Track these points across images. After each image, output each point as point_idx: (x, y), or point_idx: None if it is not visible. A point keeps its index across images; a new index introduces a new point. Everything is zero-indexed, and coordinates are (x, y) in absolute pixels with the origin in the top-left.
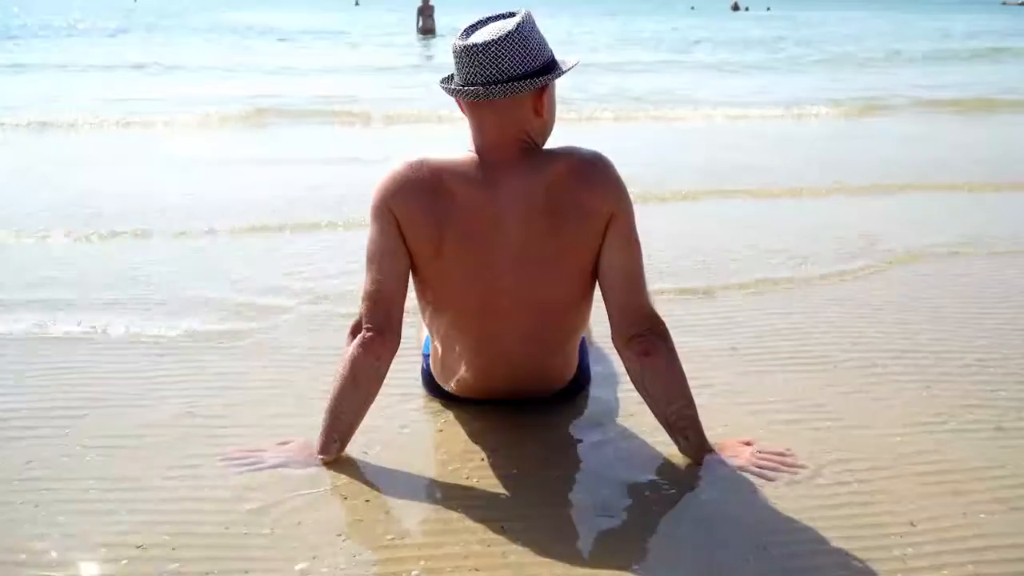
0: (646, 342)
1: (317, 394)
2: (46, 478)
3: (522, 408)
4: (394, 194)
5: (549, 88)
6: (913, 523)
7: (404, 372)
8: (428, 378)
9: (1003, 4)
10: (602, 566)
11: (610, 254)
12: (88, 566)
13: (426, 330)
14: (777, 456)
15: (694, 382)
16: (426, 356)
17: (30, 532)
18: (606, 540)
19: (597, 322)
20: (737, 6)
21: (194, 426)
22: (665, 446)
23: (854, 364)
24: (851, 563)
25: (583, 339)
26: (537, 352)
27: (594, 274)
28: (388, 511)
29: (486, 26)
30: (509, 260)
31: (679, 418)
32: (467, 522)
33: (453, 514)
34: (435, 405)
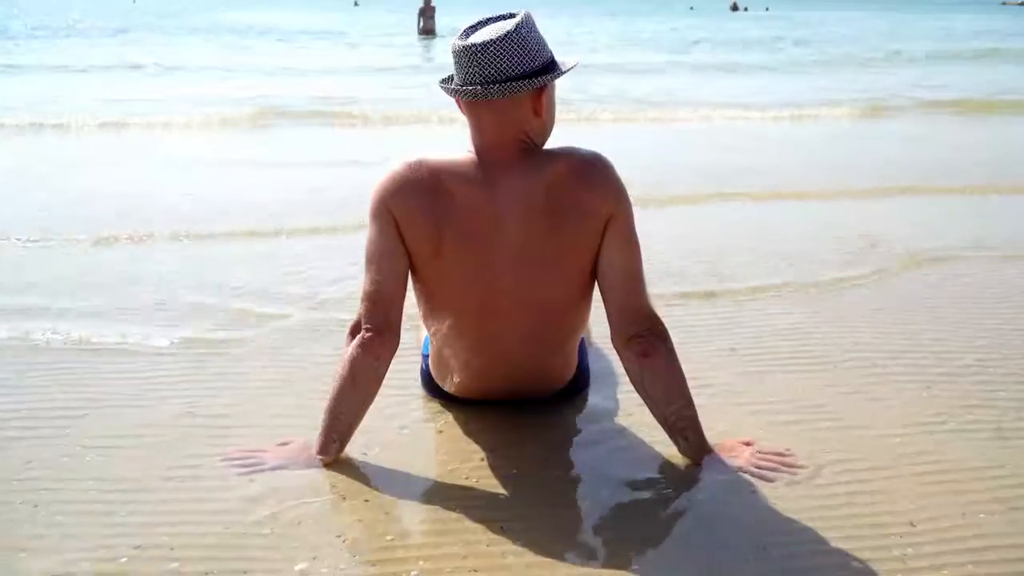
0: (645, 343)
1: (317, 394)
2: (45, 478)
3: (522, 408)
4: (393, 194)
5: (548, 89)
6: (913, 523)
7: (403, 372)
8: (427, 379)
9: (1002, 4)
10: (602, 566)
11: (609, 254)
12: (87, 566)
13: (425, 330)
14: (777, 456)
15: (694, 383)
16: (425, 356)
17: (29, 532)
18: (606, 540)
19: (597, 322)
20: (736, 6)
21: (194, 426)
22: (665, 446)
23: (854, 364)
24: (851, 563)
25: (583, 340)
26: (537, 352)
27: (593, 274)
28: (388, 511)
29: (486, 27)
30: (508, 260)
31: (678, 419)
32: (466, 522)
33: (452, 514)
34: (435, 406)
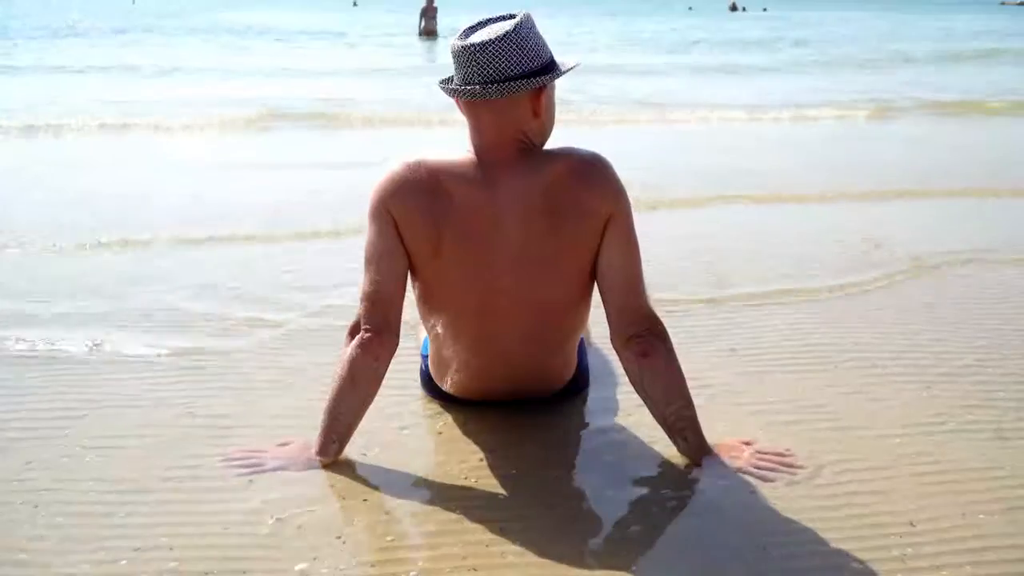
0: (645, 343)
1: (316, 395)
2: (45, 479)
3: (521, 408)
4: (392, 195)
5: (547, 89)
6: (913, 523)
7: (403, 373)
8: (427, 379)
9: (1001, 4)
10: (601, 566)
11: (609, 254)
12: (87, 567)
13: (425, 331)
14: (776, 456)
15: (693, 383)
16: (425, 357)
17: (29, 533)
18: (605, 540)
19: (597, 322)
20: (735, 6)
21: (193, 427)
22: (665, 446)
23: (854, 365)
24: (851, 563)
25: (582, 340)
26: (536, 352)
27: (593, 274)
28: (387, 512)
29: (485, 27)
30: (508, 260)
31: (678, 419)
32: (466, 522)
33: (452, 515)
34: (434, 406)
